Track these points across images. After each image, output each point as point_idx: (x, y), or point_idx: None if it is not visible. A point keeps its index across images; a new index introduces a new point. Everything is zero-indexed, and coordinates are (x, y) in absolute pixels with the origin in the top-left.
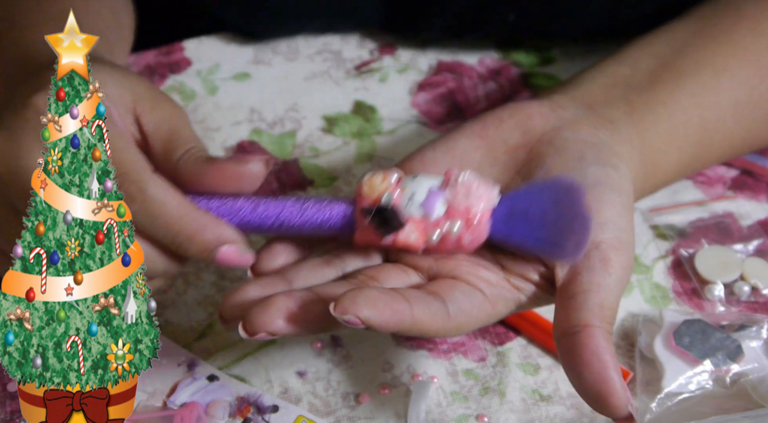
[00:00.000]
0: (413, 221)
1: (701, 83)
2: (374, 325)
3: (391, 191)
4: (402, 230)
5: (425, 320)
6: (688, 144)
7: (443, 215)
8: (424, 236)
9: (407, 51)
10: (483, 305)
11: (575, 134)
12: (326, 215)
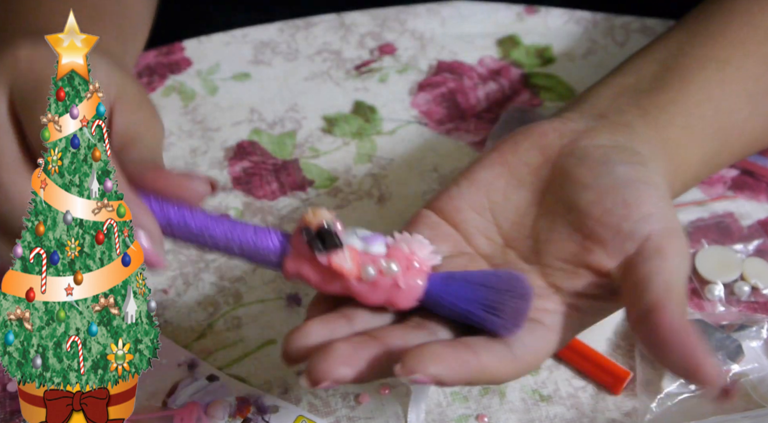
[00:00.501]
0: (351, 249)
1: (707, 77)
2: (444, 380)
3: (334, 221)
4: (338, 252)
5: (493, 366)
6: (708, 137)
7: (383, 254)
8: (359, 267)
9: (407, 51)
10: (548, 336)
11: (594, 141)
12: (262, 237)
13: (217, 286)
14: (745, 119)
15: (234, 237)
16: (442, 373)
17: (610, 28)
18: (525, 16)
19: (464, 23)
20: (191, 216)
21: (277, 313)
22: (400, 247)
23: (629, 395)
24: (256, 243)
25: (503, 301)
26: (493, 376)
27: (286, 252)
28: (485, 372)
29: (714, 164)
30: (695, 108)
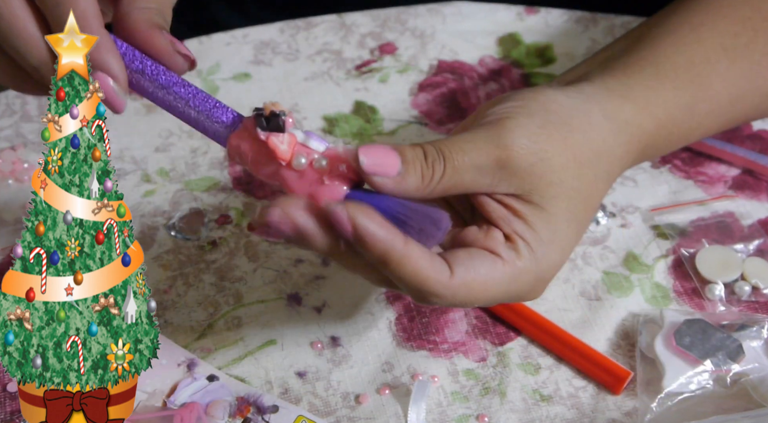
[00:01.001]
0: (291, 136)
1: (680, 37)
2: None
3: (289, 114)
4: (278, 134)
5: (417, 260)
6: (683, 82)
7: (319, 151)
8: (292, 153)
9: (408, 50)
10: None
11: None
12: (217, 108)
13: (218, 286)
14: (726, 69)
15: (194, 102)
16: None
17: (610, 27)
18: (525, 15)
19: (465, 22)
20: (164, 71)
21: (277, 313)
22: (337, 150)
23: (629, 395)
24: (212, 112)
25: (416, 219)
26: (416, 275)
27: (235, 128)
28: (407, 263)
29: (699, 112)
30: (666, 59)
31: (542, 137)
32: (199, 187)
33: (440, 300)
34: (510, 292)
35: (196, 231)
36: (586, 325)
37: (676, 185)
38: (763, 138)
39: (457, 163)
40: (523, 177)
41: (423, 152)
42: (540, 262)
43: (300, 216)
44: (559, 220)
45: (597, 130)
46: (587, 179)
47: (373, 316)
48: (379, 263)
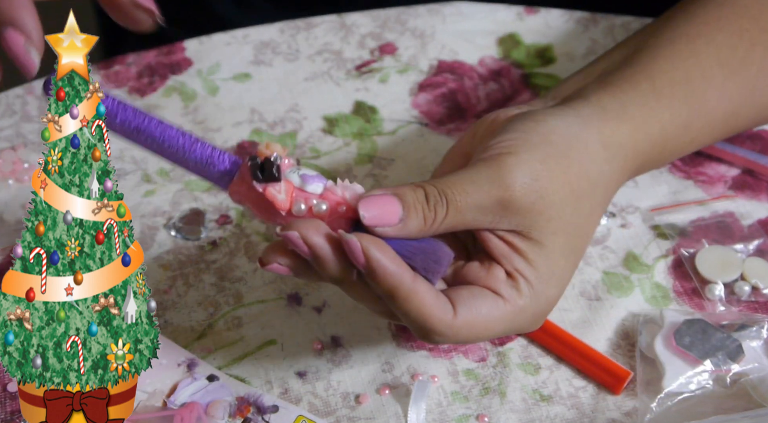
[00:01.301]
0: (288, 184)
1: (677, 50)
2: (369, 257)
3: (283, 157)
4: (275, 184)
5: (423, 299)
6: (678, 99)
7: (317, 194)
8: (291, 201)
9: (408, 50)
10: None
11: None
12: (215, 155)
13: (218, 286)
14: (721, 84)
15: (192, 153)
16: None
17: (610, 27)
18: (525, 16)
19: (465, 22)
20: (157, 125)
21: (277, 313)
22: (335, 191)
23: (629, 395)
24: (211, 162)
25: (419, 257)
26: (422, 315)
27: (233, 174)
28: (414, 299)
29: (693, 128)
30: (662, 74)
31: (543, 173)
32: (199, 187)
33: (442, 338)
34: (510, 329)
35: (196, 231)
36: (586, 325)
37: (676, 185)
38: (763, 138)
39: (460, 204)
40: (524, 215)
41: (425, 195)
42: (539, 298)
43: (317, 239)
44: (557, 256)
45: (594, 160)
46: (584, 212)
47: (373, 316)
48: (387, 296)
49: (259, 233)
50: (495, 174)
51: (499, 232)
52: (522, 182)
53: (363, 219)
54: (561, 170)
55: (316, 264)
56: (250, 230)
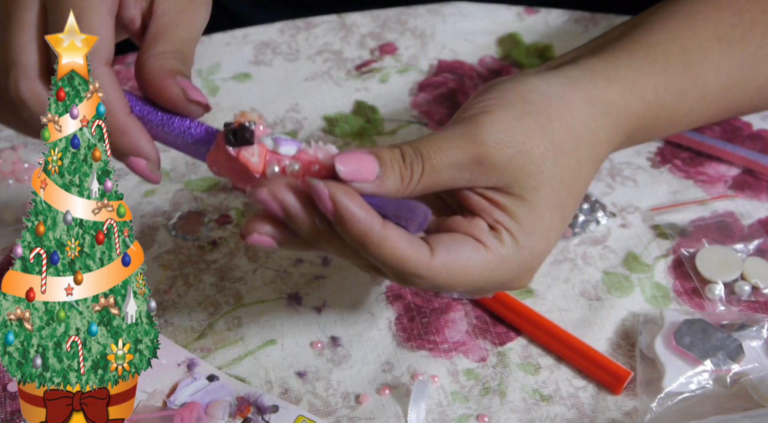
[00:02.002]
0: (261, 147)
1: (675, 25)
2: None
3: (258, 124)
4: (247, 148)
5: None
6: (675, 68)
7: (290, 156)
8: (264, 164)
9: (408, 50)
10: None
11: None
12: (192, 127)
13: (218, 286)
14: (719, 58)
15: (169, 126)
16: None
17: (609, 27)
18: (525, 16)
19: (465, 22)
20: (133, 101)
21: (277, 313)
22: (308, 152)
23: (630, 395)
24: (188, 134)
25: (393, 211)
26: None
27: (211, 145)
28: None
29: (690, 98)
30: (658, 44)
31: (518, 130)
32: (199, 187)
33: (421, 281)
34: (493, 279)
35: (196, 231)
36: (586, 325)
37: (676, 185)
38: (764, 138)
39: (435, 162)
40: (502, 170)
41: (401, 153)
42: (523, 250)
43: (285, 194)
44: (541, 209)
45: (577, 115)
46: (569, 166)
47: (373, 316)
48: (358, 244)
49: None
50: (469, 131)
51: (478, 189)
52: (496, 138)
53: (339, 172)
54: (539, 126)
55: (290, 221)
56: None
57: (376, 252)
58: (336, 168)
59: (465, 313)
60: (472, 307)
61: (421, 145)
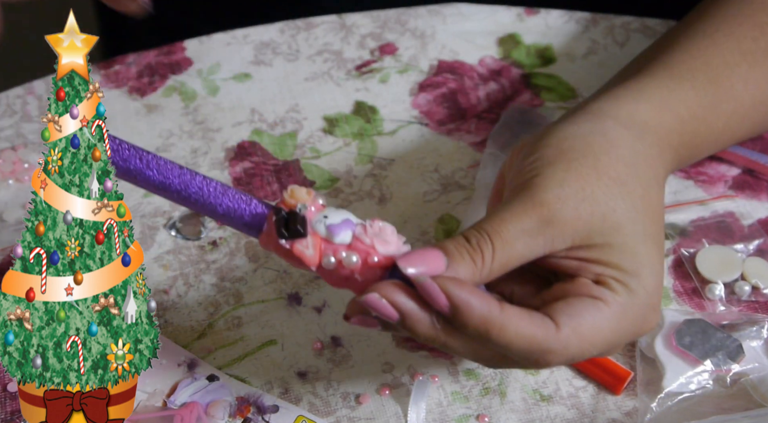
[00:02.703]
0: (315, 237)
1: (694, 44)
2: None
3: (309, 204)
4: (301, 240)
5: (521, 324)
6: (701, 83)
7: (346, 244)
8: (320, 256)
9: (408, 50)
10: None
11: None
12: (242, 206)
13: (218, 286)
14: (746, 72)
15: (219, 206)
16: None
17: (610, 28)
18: (525, 17)
19: (465, 23)
20: (190, 178)
21: (277, 313)
22: (363, 240)
23: (630, 395)
24: (238, 215)
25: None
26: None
27: (263, 228)
28: (509, 325)
29: (723, 112)
30: (680, 63)
31: (573, 179)
32: None
33: (554, 356)
34: (623, 331)
35: (197, 231)
36: None
37: (676, 185)
38: (764, 138)
39: (504, 235)
40: (574, 224)
41: (464, 238)
42: (639, 293)
43: (399, 297)
44: (633, 247)
45: (620, 143)
46: (637, 194)
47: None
48: (481, 334)
49: None
50: (527, 197)
51: (561, 253)
52: (554, 193)
53: (408, 273)
54: (590, 168)
55: (406, 323)
56: None
57: (500, 338)
58: (402, 269)
59: None
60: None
61: (484, 223)
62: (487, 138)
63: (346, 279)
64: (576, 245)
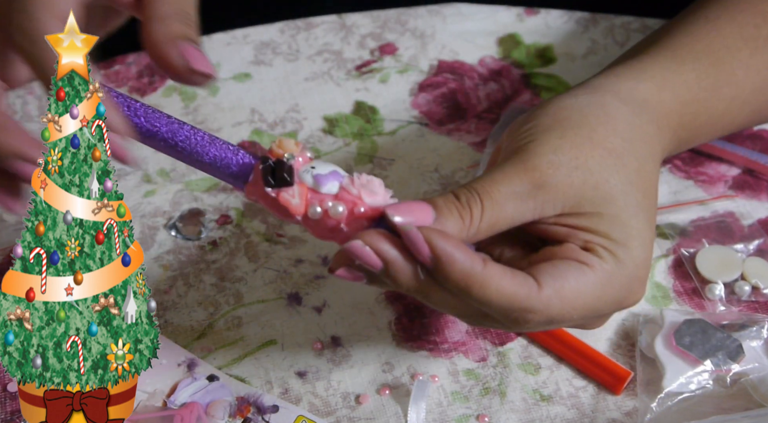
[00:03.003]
0: (302, 186)
1: (696, 29)
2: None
3: (296, 155)
4: (288, 189)
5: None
6: (703, 66)
7: (332, 195)
8: (306, 205)
9: (408, 50)
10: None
11: None
12: (229, 155)
13: (218, 286)
14: (748, 57)
15: (205, 155)
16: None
17: (610, 28)
18: (525, 17)
19: (465, 23)
20: (178, 126)
21: (277, 313)
22: (350, 190)
23: (630, 395)
24: (224, 164)
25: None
26: (507, 298)
27: (247, 176)
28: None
29: (725, 95)
30: (682, 47)
31: (566, 146)
32: (199, 188)
33: (534, 316)
34: (607, 299)
35: (196, 231)
36: None
37: (676, 185)
38: (764, 138)
39: (494, 196)
40: (565, 191)
41: (454, 195)
42: (626, 263)
43: (383, 244)
44: (624, 218)
45: (619, 117)
46: (632, 168)
47: (373, 316)
48: (462, 288)
49: (259, 233)
50: (520, 161)
51: (550, 219)
52: (547, 159)
53: (395, 222)
54: (585, 137)
55: (390, 272)
56: (250, 230)
57: (481, 293)
58: (389, 218)
59: None
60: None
61: (475, 183)
62: (487, 138)
63: (331, 230)
64: (566, 212)
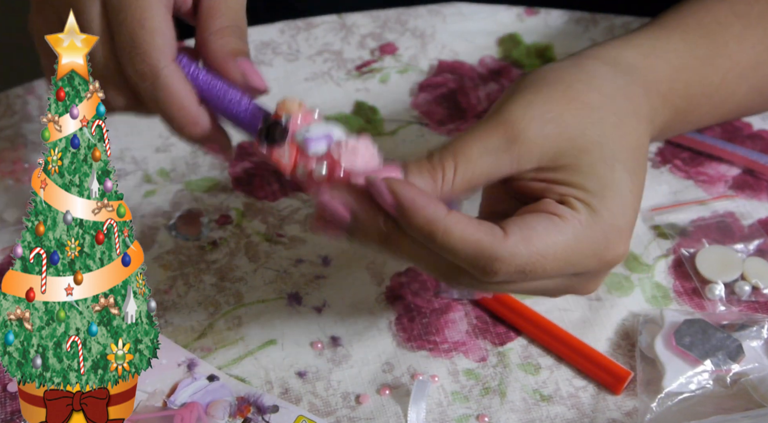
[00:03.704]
0: (292, 147)
1: (684, 7)
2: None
3: (295, 116)
4: (278, 147)
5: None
6: (695, 37)
7: (319, 156)
8: (294, 164)
9: (408, 50)
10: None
11: None
12: (241, 110)
13: (218, 286)
14: (740, 32)
15: (229, 106)
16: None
17: (610, 28)
18: (525, 17)
19: (465, 22)
20: (223, 87)
21: (277, 313)
22: (335, 153)
23: (630, 395)
24: (245, 117)
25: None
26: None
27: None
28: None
29: (720, 67)
30: (672, 20)
31: (539, 101)
32: (199, 188)
33: (502, 265)
34: (581, 250)
35: (197, 231)
36: (586, 325)
37: (676, 185)
38: (764, 138)
39: (468, 153)
40: (541, 144)
41: (426, 157)
42: (601, 213)
43: (349, 197)
44: (601, 171)
45: (598, 75)
46: (609, 122)
47: (373, 316)
48: (426, 236)
49: (259, 233)
50: (493, 118)
51: (528, 175)
52: (520, 113)
53: (363, 178)
54: (558, 93)
55: (356, 223)
56: (250, 230)
57: (444, 240)
58: (361, 178)
59: (465, 313)
60: (472, 308)
61: (448, 143)
62: None
63: (315, 188)
64: (543, 166)
